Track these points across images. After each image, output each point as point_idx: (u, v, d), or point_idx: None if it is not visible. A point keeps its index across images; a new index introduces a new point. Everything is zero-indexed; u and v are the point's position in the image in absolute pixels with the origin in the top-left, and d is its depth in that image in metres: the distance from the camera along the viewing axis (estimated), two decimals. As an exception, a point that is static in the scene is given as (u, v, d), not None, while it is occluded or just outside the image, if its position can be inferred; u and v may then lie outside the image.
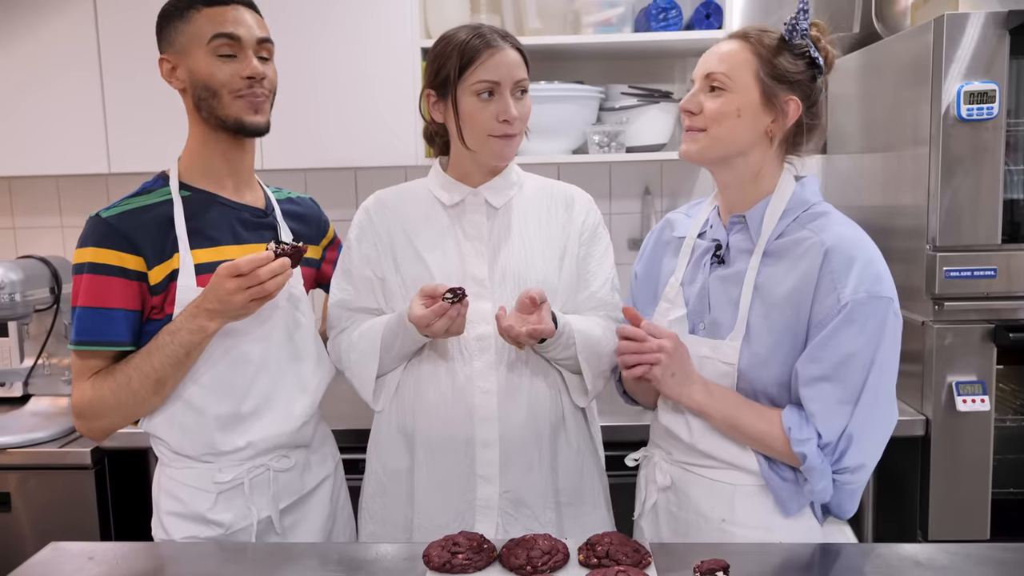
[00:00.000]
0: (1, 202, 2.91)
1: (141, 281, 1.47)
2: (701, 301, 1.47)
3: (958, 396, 2.00)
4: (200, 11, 1.47)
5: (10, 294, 2.22)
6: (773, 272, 1.38)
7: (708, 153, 1.43)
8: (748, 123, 1.39)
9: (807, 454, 1.33)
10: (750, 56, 1.38)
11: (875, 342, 1.31)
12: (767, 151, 1.41)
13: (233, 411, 1.52)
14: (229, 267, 1.39)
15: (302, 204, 1.76)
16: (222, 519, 1.53)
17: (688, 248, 1.53)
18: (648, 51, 2.62)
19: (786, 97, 1.37)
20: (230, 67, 1.47)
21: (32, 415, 2.32)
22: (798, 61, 1.38)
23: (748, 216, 1.43)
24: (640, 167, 2.83)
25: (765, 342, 1.37)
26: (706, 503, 1.44)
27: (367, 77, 2.41)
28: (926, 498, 2.04)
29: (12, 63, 2.45)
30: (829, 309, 1.32)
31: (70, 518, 2.15)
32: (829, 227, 1.37)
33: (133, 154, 2.45)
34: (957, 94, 1.93)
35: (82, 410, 1.48)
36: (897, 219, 2.17)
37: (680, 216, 1.62)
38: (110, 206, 1.49)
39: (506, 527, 1.57)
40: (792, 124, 1.39)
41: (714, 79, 1.39)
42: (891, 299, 1.33)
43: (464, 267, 1.59)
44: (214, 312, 1.43)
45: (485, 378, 1.57)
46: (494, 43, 1.51)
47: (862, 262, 1.32)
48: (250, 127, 1.51)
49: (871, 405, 1.33)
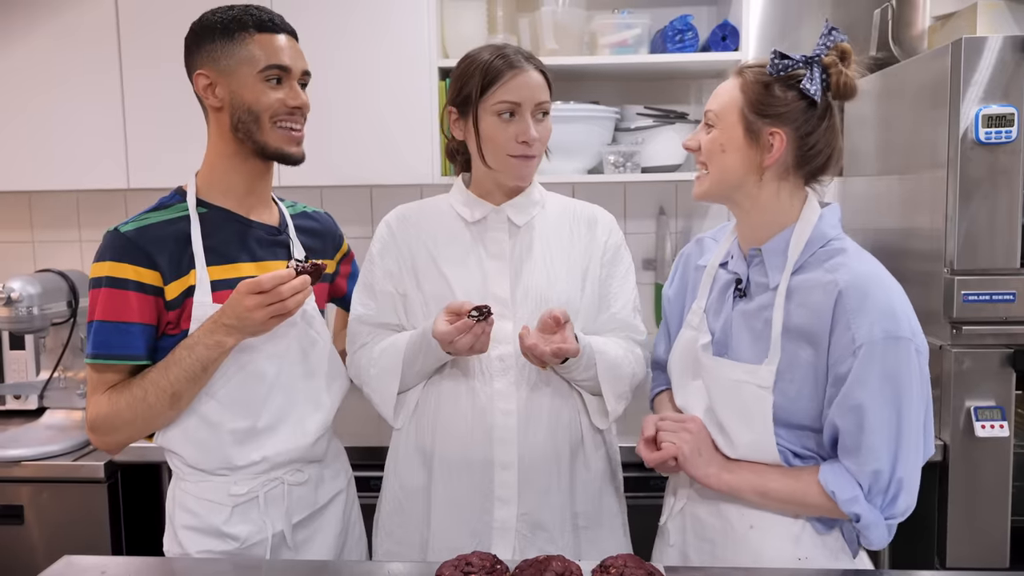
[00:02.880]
0: (20, 216, 2.94)
1: (157, 296, 1.47)
2: (724, 334, 1.46)
3: (976, 422, 1.98)
4: (252, 36, 1.48)
5: (28, 307, 2.23)
6: (789, 309, 1.37)
7: (711, 192, 1.43)
8: (734, 159, 1.38)
9: (860, 513, 1.31)
10: (737, 93, 1.38)
11: (903, 384, 1.28)
12: (762, 185, 1.40)
13: (248, 426, 1.52)
14: (251, 284, 1.40)
15: (317, 218, 1.76)
16: (237, 532, 1.53)
17: (709, 278, 1.52)
18: (664, 72, 2.63)
19: (771, 130, 1.36)
20: (276, 93, 1.50)
21: (47, 428, 2.33)
22: (788, 93, 1.36)
23: (764, 251, 1.42)
24: (655, 187, 2.83)
25: (791, 379, 1.36)
26: (735, 510, 1.43)
27: (384, 95, 2.42)
28: (944, 525, 2.02)
29: (33, 79, 2.48)
30: (844, 350, 1.29)
31: (82, 532, 2.15)
32: (844, 266, 1.34)
33: (152, 170, 2.47)
34: (975, 117, 1.93)
35: (97, 424, 1.49)
36: (914, 242, 2.16)
37: (708, 241, 1.61)
38: (128, 221, 1.49)
39: (523, 550, 1.56)
40: (790, 155, 1.37)
41: (707, 117, 1.42)
42: (909, 338, 1.29)
43: (486, 285, 1.58)
44: (232, 328, 1.43)
45: (506, 399, 1.56)
46: (517, 64, 1.52)
47: (876, 301, 1.29)
48: (291, 158, 1.55)
49: (911, 445, 1.30)
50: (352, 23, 2.40)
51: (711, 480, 1.40)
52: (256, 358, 1.52)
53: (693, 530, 1.49)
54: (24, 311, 2.23)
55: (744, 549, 1.41)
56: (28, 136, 2.50)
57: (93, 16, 2.43)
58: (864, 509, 1.30)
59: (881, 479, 1.30)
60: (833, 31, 1.36)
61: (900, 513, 1.33)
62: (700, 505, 1.48)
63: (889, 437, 1.29)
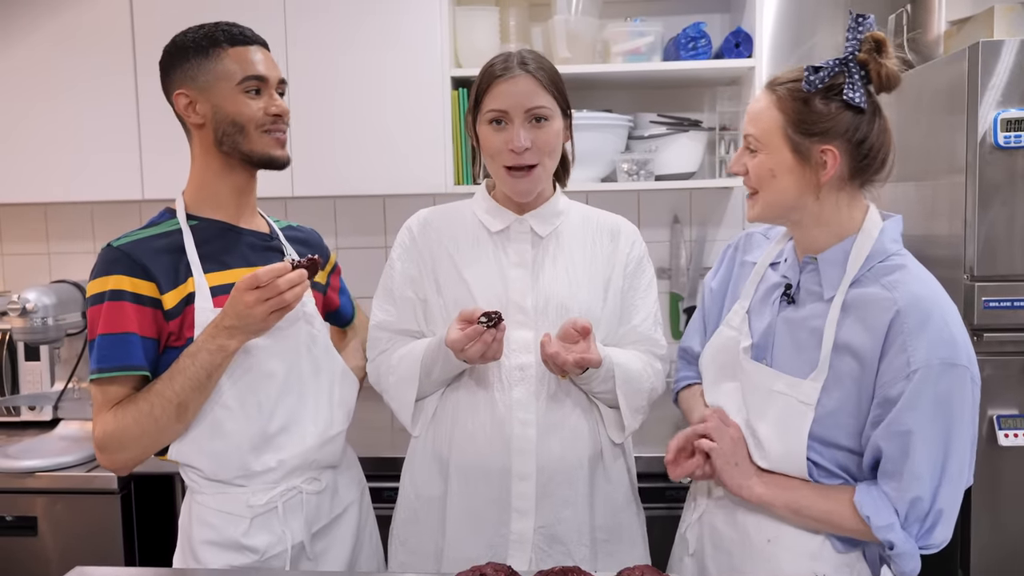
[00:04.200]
0: (36, 228, 2.96)
1: (156, 308, 1.46)
2: (766, 338, 1.42)
3: (999, 430, 1.95)
4: (227, 50, 1.50)
5: (43, 318, 2.24)
6: (841, 323, 1.32)
7: (765, 215, 1.39)
8: (786, 182, 1.33)
9: (894, 541, 1.27)
10: (776, 113, 1.32)
11: (954, 412, 1.24)
12: (821, 201, 1.33)
13: (261, 430, 1.51)
14: (248, 279, 1.39)
15: (304, 232, 1.77)
16: (256, 544, 1.51)
17: (757, 277, 1.48)
18: (677, 80, 2.62)
19: (821, 148, 1.29)
20: (257, 103, 1.51)
21: (61, 439, 2.33)
22: (831, 105, 1.29)
23: (820, 260, 1.37)
24: (669, 195, 2.82)
25: (834, 395, 1.32)
26: (752, 521, 1.40)
27: (397, 105, 2.42)
28: (967, 535, 1.98)
29: (48, 92, 2.49)
30: (897, 372, 1.25)
31: (95, 543, 2.14)
32: (903, 284, 1.29)
33: (167, 181, 2.47)
34: (993, 122, 1.91)
35: (105, 442, 1.46)
36: (933, 249, 2.13)
37: (759, 236, 1.56)
38: (120, 237, 1.50)
39: (539, 563, 1.54)
40: (846, 166, 1.31)
41: (747, 140, 1.37)
42: (966, 367, 1.25)
43: (507, 294, 1.57)
44: (234, 329, 1.42)
45: (525, 409, 1.54)
46: (507, 72, 1.51)
47: (936, 325, 1.24)
48: (279, 161, 1.55)
49: (955, 476, 1.26)
50: (364, 32, 2.40)
51: (743, 492, 1.37)
52: (263, 359, 1.51)
53: (711, 540, 1.47)
54: (39, 322, 2.23)
55: (762, 562, 1.38)
56: (44, 148, 2.51)
57: (108, 29, 2.45)
58: (899, 538, 1.27)
59: (920, 507, 1.26)
60: (860, 20, 1.28)
61: (935, 544, 1.29)
62: (718, 515, 1.46)
63: (934, 466, 1.25)
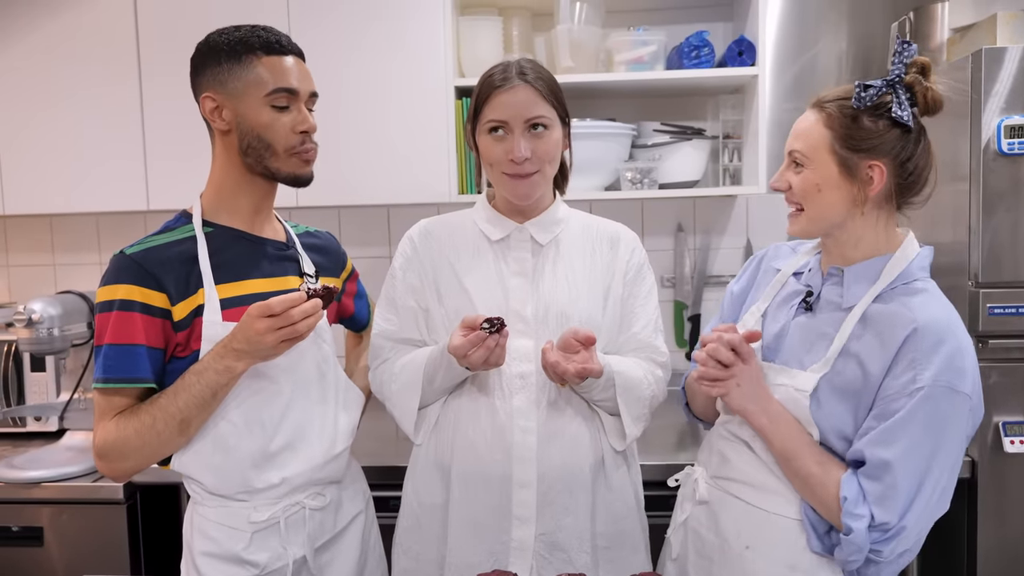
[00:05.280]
0: (42, 239, 2.97)
1: (165, 319, 1.45)
2: (778, 340, 1.44)
3: (1005, 437, 1.95)
4: (260, 58, 1.46)
5: (48, 328, 2.25)
6: (857, 334, 1.34)
7: (809, 230, 1.41)
8: (832, 197, 1.35)
9: (854, 529, 1.28)
10: (823, 130, 1.34)
11: (945, 437, 1.26)
12: (865, 217, 1.36)
13: (265, 447, 1.50)
14: (261, 307, 1.37)
15: (320, 237, 1.76)
16: (257, 559, 1.50)
17: (779, 284, 1.51)
18: (680, 88, 2.62)
19: (868, 163, 1.32)
20: (286, 118, 1.48)
21: (66, 449, 2.33)
22: (879, 122, 1.32)
23: (847, 272, 1.39)
24: (673, 204, 2.82)
25: (830, 392, 1.34)
26: (732, 528, 1.41)
27: (400, 114, 2.43)
28: (973, 542, 1.98)
29: (48, 99, 2.50)
30: (902, 387, 1.26)
31: (101, 553, 2.14)
32: (925, 306, 1.31)
33: (172, 192, 2.48)
34: (997, 128, 1.91)
35: (105, 451, 1.45)
36: (937, 256, 2.09)
37: (786, 248, 1.58)
38: (133, 244, 1.48)
39: (540, 570, 1.54)
40: (891, 183, 1.34)
41: (794, 156, 1.38)
42: (969, 396, 1.27)
43: (508, 303, 1.57)
44: (242, 352, 1.40)
45: (525, 416, 1.54)
46: (506, 82, 1.51)
47: (948, 351, 1.26)
48: (303, 179, 1.53)
49: (929, 498, 1.28)
50: (367, 41, 2.41)
51: (748, 416, 1.38)
52: (270, 376, 1.51)
53: (693, 545, 1.48)
54: (45, 332, 2.24)
55: (739, 569, 1.39)
56: (46, 157, 2.52)
57: (110, 32, 2.46)
58: (859, 529, 1.27)
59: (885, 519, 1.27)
60: (906, 47, 1.31)
61: (886, 555, 1.29)
62: (701, 520, 1.47)
63: (911, 483, 1.26)
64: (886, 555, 1.29)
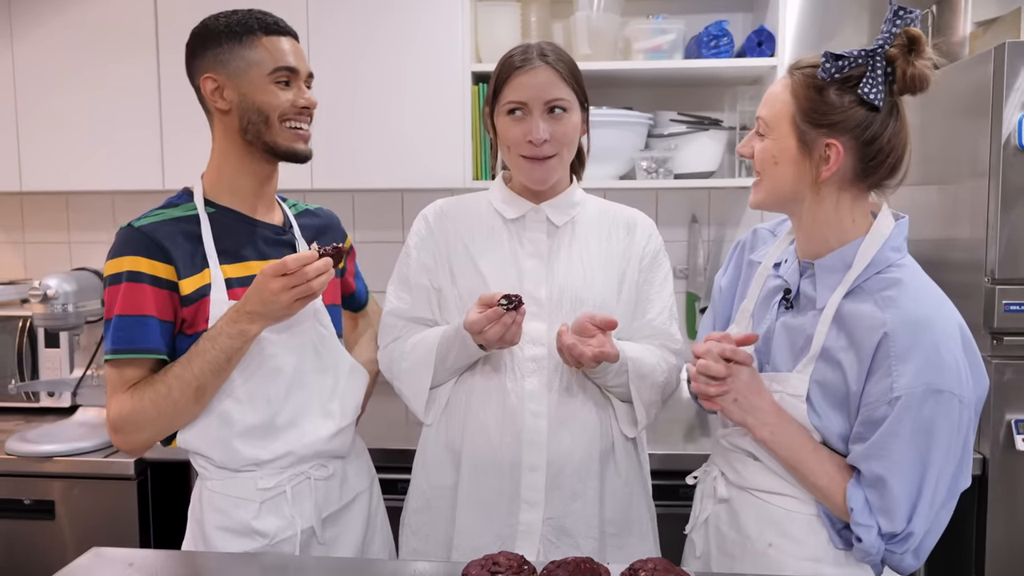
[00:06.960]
0: (58, 216, 3.00)
1: (173, 291, 1.46)
2: (766, 343, 1.41)
3: (1017, 435, 1.93)
4: (260, 38, 1.49)
5: (63, 304, 2.26)
6: (832, 335, 1.30)
7: (765, 203, 1.36)
8: (788, 171, 1.29)
9: (864, 538, 1.27)
10: (788, 98, 1.27)
11: (935, 438, 1.22)
12: (820, 199, 1.29)
13: (269, 422, 1.52)
14: (275, 266, 1.39)
15: (321, 215, 1.77)
16: (266, 528, 1.52)
17: (760, 279, 1.46)
18: (698, 78, 2.61)
19: (827, 141, 1.24)
20: (286, 94, 1.51)
21: (79, 425, 2.35)
22: (844, 97, 1.23)
23: (817, 267, 1.33)
24: (688, 194, 2.81)
25: (822, 396, 1.31)
26: (754, 526, 1.40)
27: (417, 100, 2.43)
28: (983, 540, 1.97)
29: (67, 78, 2.52)
30: (880, 396, 1.22)
31: (112, 527, 2.16)
32: (896, 303, 1.24)
33: (188, 171, 2.45)
34: (1018, 124, 1.89)
35: (121, 423, 1.46)
36: (954, 252, 2.12)
37: (765, 232, 1.53)
38: (140, 217, 1.50)
39: (547, 554, 1.54)
40: (851, 165, 1.26)
41: (758, 123, 1.33)
42: (952, 392, 1.20)
43: (522, 284, 1.57)
44: (256, 315, 1.42)
45: (536, 400, 1.54)
46: (527, 63, 1.51)
47: (923, 350, 1.20)
48: (302, 155, 1.56)
49: (932, 500, 1.25)
50: (385, 26, 2.41)
51: (749, 428, 1.34)
52: (273, 353, 1.52)
53: (716, 543, 1.47)
54: (60, 308, 2.26)
55: (764, 566, 1.38)
56: (64, 135, 2.54)
57: (131, 14, 2.47)
58: (870, 538, 1.26)
59: (892, 528, 1.26)
60: (900, 14, 1.21)
61: (905, 551, 1.28)
62: (722, 518, 1.45)
63: (909, 492, 1.24)
64: (904, 552, 1.28)
